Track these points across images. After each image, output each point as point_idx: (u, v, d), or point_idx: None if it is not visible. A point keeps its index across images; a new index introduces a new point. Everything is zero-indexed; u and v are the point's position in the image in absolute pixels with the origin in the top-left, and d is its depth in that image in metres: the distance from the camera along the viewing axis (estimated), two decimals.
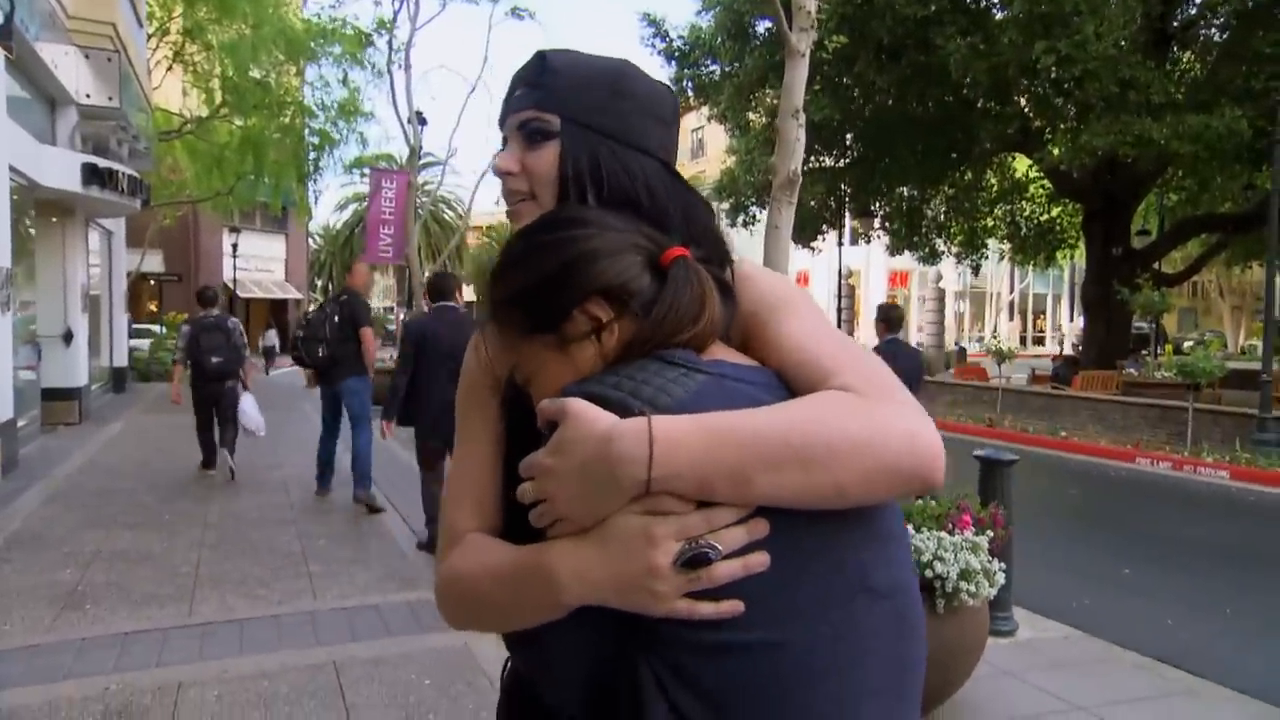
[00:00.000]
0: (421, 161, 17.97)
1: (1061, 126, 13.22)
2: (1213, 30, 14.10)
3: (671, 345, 0.80)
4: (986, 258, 21.25)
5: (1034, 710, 3.32)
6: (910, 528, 3.13)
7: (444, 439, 4.92)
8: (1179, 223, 17.64)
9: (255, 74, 15.68)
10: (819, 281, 30.81)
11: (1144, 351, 19.67)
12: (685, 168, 43.78)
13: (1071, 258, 26.33)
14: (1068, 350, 25.26)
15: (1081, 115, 12.18)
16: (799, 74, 4.19)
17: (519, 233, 0.89)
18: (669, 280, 0.82)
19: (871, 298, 29.79)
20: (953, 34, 11.75)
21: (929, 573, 2.96)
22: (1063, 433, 11.92)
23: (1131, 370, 15.30)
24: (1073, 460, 10.69)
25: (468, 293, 10.45)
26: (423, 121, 15.53)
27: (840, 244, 18.70)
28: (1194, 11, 13.72)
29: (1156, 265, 17.16)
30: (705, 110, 18.39)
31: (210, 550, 5.22)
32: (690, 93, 16.98)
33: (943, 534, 3.08)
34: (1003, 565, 3.11)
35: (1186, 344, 25.72)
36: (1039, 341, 36.00)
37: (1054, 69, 11.07)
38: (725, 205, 16.92)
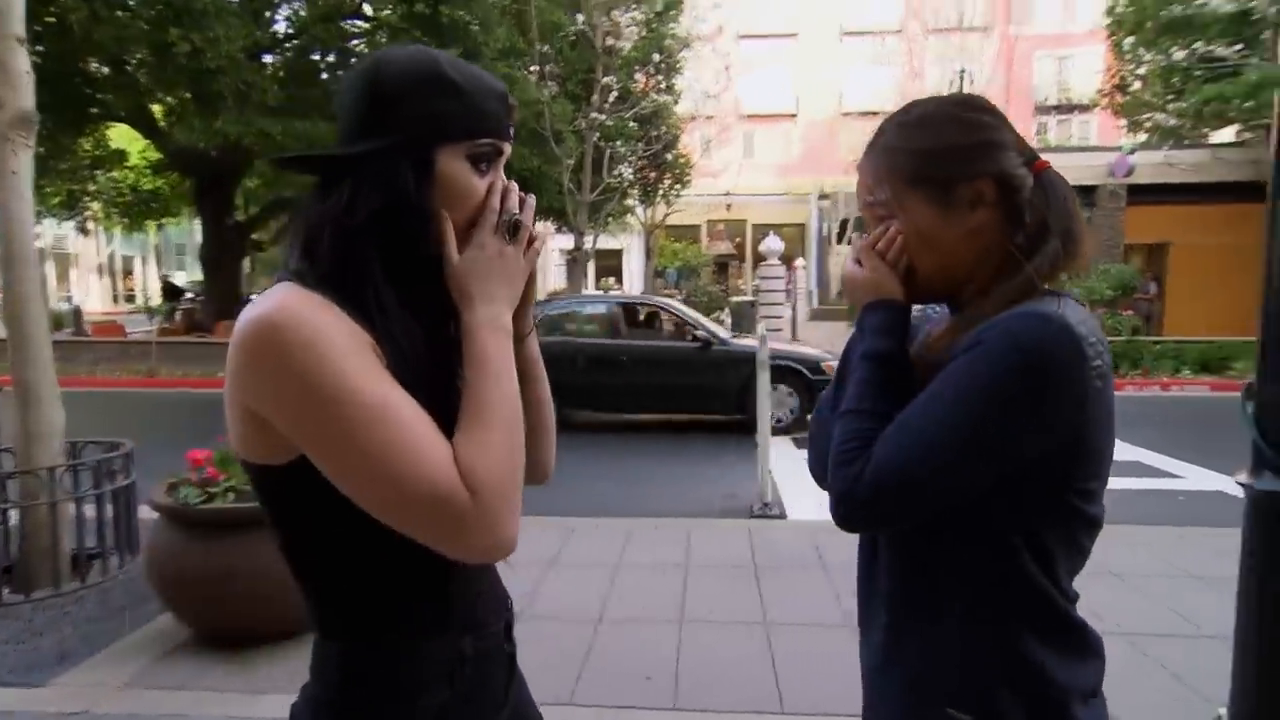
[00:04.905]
0: None
1: (190, 110, 13.79)
2: (289, 55, 16.59)
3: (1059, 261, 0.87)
4: (97, 220, 19.78)
5: None
6: None
7: None
8: (270, 202, 20.26)
9: None
10: None
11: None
12: None
13: (162, 224, 26.36)
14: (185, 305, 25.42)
15: (210, 104, 13.09)
16: None
17: (936, 100, 0.94)
18: (1049, 185, 0.89)
19: None
20: None
21: None
22: (220, 374, 13.19)
23: None
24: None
25: None
26: None
27: None
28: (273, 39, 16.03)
29: (256, 235, 19.53)
30: None
31: None
32: None
33: None
34: None
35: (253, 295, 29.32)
36: (130, 299, 34.27)
37: (186, 58, 11.73)
38: None
